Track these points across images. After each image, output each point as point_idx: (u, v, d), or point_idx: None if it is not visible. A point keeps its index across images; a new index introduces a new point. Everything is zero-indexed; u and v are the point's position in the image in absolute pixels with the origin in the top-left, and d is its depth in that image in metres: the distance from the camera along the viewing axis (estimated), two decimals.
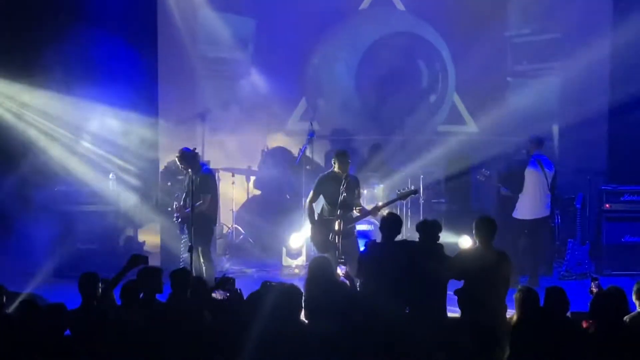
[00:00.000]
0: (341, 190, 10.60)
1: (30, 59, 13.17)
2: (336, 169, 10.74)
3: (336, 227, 10.51)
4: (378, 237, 9.54)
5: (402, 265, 8.45)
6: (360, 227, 11.54)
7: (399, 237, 9.19)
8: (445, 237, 10.05)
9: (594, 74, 14.12)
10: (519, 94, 14.30)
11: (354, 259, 9.68)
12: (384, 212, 10.97)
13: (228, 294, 8.01)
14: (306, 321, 7.67)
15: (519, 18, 14.10)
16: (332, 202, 10.73)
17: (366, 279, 8.69)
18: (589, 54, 14.10)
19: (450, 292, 8.64)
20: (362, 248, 10.27)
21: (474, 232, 8.70)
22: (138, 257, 8.13)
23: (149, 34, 14.31)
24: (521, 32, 14.13)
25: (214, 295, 7.96)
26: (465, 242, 12.05)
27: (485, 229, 8.62)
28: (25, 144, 13.34)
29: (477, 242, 8.68)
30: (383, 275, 8.48)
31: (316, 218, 10.87)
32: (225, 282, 8.05)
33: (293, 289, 7.49)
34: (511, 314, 7.98)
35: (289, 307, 7.31)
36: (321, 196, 10.89)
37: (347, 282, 8.73)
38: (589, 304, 7.85)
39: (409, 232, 12.59)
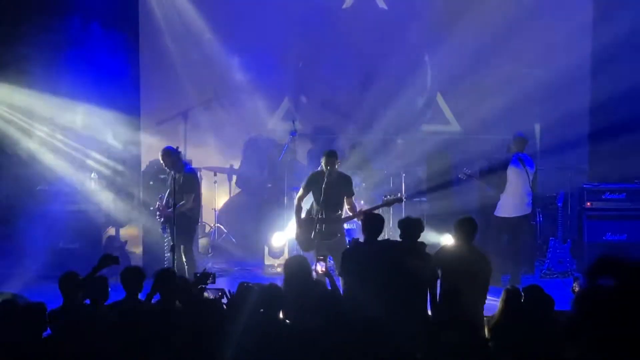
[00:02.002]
0: (322, 189, 10.64)
1: (6, 53, 13.07)
2: (323, 168, 10.78)
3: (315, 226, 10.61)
4: (361, 237, 9.54)
5: (383, 264, 8.45)
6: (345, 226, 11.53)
7: (381, 236, 9.19)
8: (427, 236, 10.10)
9: (575, 73, 14.17)
10: (502, 93, 14.30)
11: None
12: None
13: (220, 293, 8.03)
14: (286, 320, 7.66)
15: (501, 19, 14.09)
16: (317, 200, 10.78)
17: (349, 277, 8.69)
18: (570, 53, 14.16)
19: None
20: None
21: (453, 231, 8.73)
22: (108, 257, 8.12)
23: (131, 31, 14.25)
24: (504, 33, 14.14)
25: (206, 294, 7.95)
26: (447, 240, 12.04)
27: (465, 229, 8.65)
28: (2, 142, 13.27)
29: (457, 241, 8.72)
30: (364, 274, 8.48)
31: (305, 215, 10.89)
32: (206, 277, 8.02)
33: (273, 287, 7.49)
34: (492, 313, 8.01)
35: (270, 305, 7.31)
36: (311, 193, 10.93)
37: (327, 279, 8.72)
38: (570, 303, 7.88)
39: (391, 230, 12.60)
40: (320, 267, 8.77)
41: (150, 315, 7.57)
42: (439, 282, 8.55)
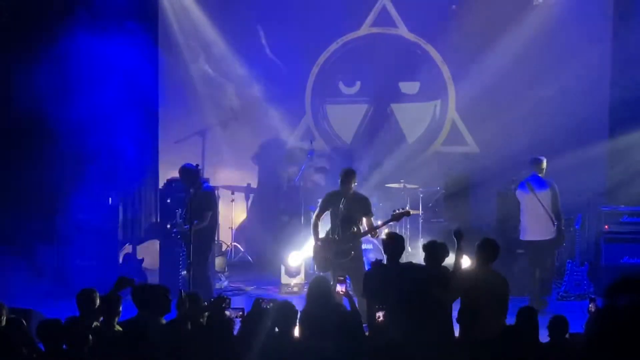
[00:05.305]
0: (339, 209, 10.65)
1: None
2: (340, 188, 10.78)
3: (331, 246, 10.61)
4: (378, 256, 9.53)
5: (406, 289, 8.41)
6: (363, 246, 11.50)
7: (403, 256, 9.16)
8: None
9: (593, 94, 14.11)
10: (520, 115, 14.25)
11: (358, 278, 9.68)
12: (383, 232, 10.97)
13: (241, 313, 8.06)
14: (301, 338, 7.65)
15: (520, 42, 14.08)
16: (333, 219, 10.80)
17: (371, 299, 8.66)
18: (589, 76, 14.10)
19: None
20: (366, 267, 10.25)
21: (475, 252, 8.69)
22: (124, 279, 8.15)
23: (151, 49, 14.28)
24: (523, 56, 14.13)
25: (227, 313, 7.97)
26: (465, 261, 11.99)
27: (487, 251, 8.63)
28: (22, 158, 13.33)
29: (476, 262, 8.68)
30: (387, 296, 8.44)
31: (324, 235, 10.89)
32: (221, 301, 8.02)
33: (287, 304, 7.49)
34: None
35: (284, 322, 7.31)
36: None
37: (347, 299, 8.71)
38: (585, 324, 7.82)
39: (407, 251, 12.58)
40: (340, 288, 8.77)
41: (163, 334, 7.59)
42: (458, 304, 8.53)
